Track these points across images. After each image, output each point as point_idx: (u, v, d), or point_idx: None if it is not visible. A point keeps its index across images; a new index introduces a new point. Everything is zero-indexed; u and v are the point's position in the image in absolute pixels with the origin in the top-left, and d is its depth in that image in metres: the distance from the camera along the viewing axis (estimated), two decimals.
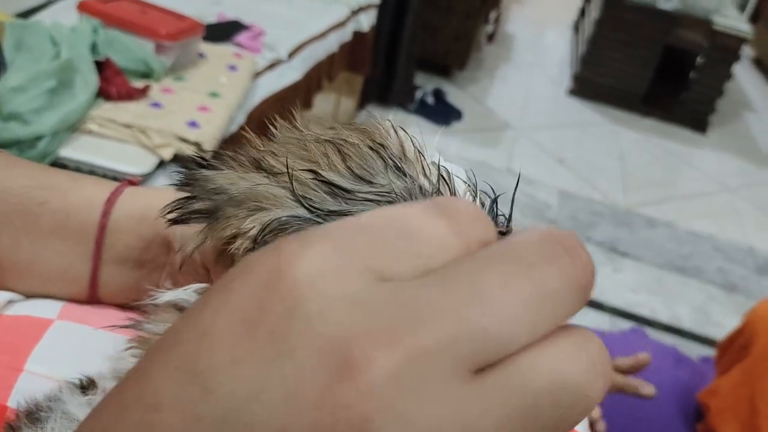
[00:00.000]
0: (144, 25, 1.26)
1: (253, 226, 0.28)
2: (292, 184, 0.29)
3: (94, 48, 1.21)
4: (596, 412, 1.15)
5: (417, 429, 0.15)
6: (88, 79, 1.14)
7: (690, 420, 1.20)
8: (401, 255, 0.17)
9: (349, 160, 0.29)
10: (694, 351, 1.62)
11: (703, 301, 2.26)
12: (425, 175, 0.31)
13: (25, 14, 1.41)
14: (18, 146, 1.04)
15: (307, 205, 0.28)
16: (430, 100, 3.09)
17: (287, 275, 0.17)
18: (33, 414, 0.30)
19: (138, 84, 1.21)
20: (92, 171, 1.06)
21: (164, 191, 0.40)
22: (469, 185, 0.34)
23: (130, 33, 1.26)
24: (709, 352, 1.49)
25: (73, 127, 1.11)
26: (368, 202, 0.29)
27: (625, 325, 1.94)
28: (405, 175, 0.30)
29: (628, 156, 3.19)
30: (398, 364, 0.15)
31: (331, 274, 0.16)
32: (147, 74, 1.26)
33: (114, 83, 1.17)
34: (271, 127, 0.33)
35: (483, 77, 3.58)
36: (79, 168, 1.06)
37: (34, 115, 1.06)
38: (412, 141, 0.32)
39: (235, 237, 0.29)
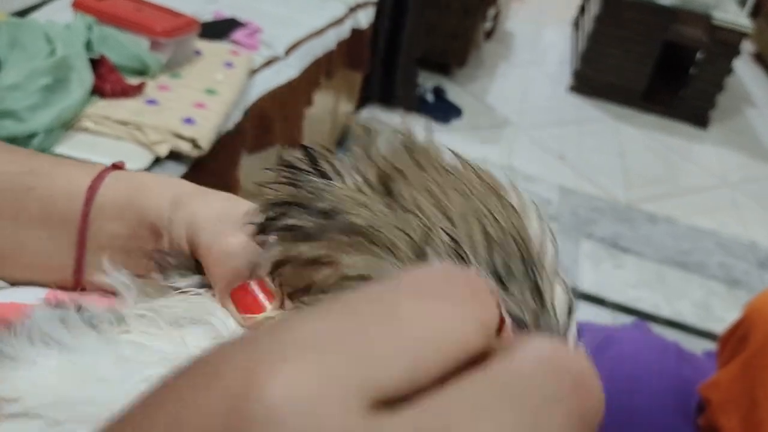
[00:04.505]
0: (139, 22, 1.26)
1: (355, 270, 0.24)
2: (426, 242, 0.24)
3: (88, 45, 1.21)
4: None
5: None
6: (83, 77, 1.14)
7: (692, 414, 1.20)
8: (390, 366, 0.15)
9: (494, 246, 0.25)
10: (697, 346, 1.62)
11: (705, 296, 2.25)
12: (553, 306, 0.26)
13: (21, 13, 1.41)
14: (12, 143, 1.03)
15: None
16: (429, 97, 3.09)
17: (255, 400, 0.14)
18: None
19: (133, 81, 1.21)
20: None
21: (149, 176, 0.39)
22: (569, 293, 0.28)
23: (125, 30, 1.25)
24: (712, 346, 1.49)
25: (68, 125, 1.11)
26: None
27: (627, 320, 1.93)
28: (540, 296, 0.26)
29: (628, 152, 3.19)
30: None
31: (310, 403, 0.14)
32: (142, 71, 1.26)
33: (109, 80, 1.17)
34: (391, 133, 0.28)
35: (483, 75, 3.57)
36: None
37: (29, 113, 1.05)
38: (551, 237, 0.28)
39: (322, 263, 0.25)
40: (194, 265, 0.34)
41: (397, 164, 0.26)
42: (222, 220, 0.34)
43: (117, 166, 0.41)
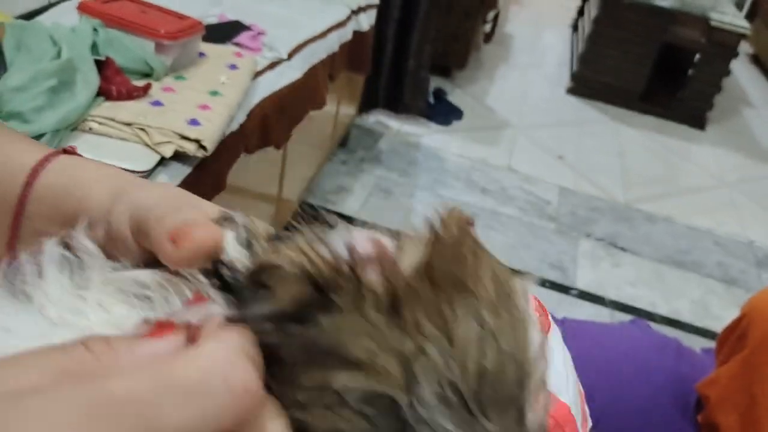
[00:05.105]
0: (144, 24, 1.27)
1: (346, 390, 0.24)
2: (416, 358, 0.24)
3: (94, 48, 1.22)
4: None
5: None
6: (89, 79, 1.15)
7: (690, 411, 1.21)
8: None
9: (487, 377, 0.25)
10: (694, 344, 1.63)
11: (703, 295, 2.27)
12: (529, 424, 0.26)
13: (27, 16, 1.42)
14: None
15: (411, 399, 0.24)
16: (430, 99, 3.10)
17: None
18: None
19: (138, 83, 1.22)
20: None
21: (92, 165, 0.37)
22: None
23: (130, 33, 1.26)
24: (710, 344, 1.50)
25: (74, 126, 1.12)
26: None
27: (625, 318, 1.95)
28: (522, 420, 0.26)
29: (627, 153, 3.20)
30: None
31: None
32: (147, 73, 1.27)
33: (114, 82, 1.18)
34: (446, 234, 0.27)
35: (483, 77, 3.59)
36: None
37: (35, 114, 1.06)
38: (546, 352, 0.27)
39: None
40: (140, 250, 0.32)
41: (412, 283, 0.26)
42: (177, 201, 0.32)
43: (67, 151, 0.39)
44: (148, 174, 1.09)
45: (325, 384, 0.24)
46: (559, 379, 0.48)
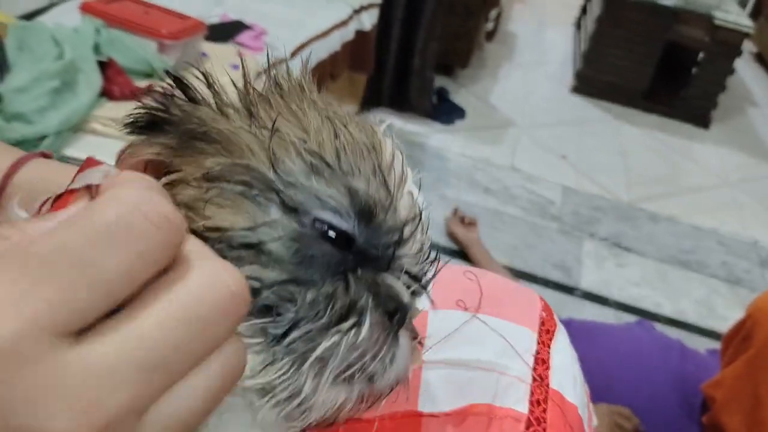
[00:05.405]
0: (146, 24, 1.27)
1: (217, 168, 0.27)
2: (271, 138, 0.28)
3: (96, 48, 1.22)
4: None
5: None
6: (91, 79, 1.15)
7: (695, 412, 1.21)
8: (77, 298, 0.19)
9: (343, 149, 0.29)
10: (699, 344, 1.62)
11: (707, 295, 2.26)
12: (398, 202, 0.30)
13: (28, 16, 1.42)
14: (21, 146, 1.04)
15: (276, 169, 0.27)
16: (433, 98, 3.10)
17: None
18: None
19: (141, 83, 1.22)
20: None
21: (68, 165, 0.39)
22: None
23: (132, 33, 1.26)
24: (714, 345, 1.49)
25: (77, 127, 1.12)
26: (331, 198, 0.28)
27: (630, 319, 1.94)
28: (387, 191, 0.29)
29: (630, 152, 3.19)
30: None
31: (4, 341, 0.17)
32: (150, 74, 1.27)
33: (117, 83, 1.18)
34: (281, 80, 0.32)
35: (485, 75, 3.58)
36: None
37: (38, 115, 1.06)
38: (402, 162, 0.31)
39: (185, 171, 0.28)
40: None
41: (264, 93, 0.30)
42: None
43: (45, 155, 0.41)
44: None
45: (203, 172, 0.27)
46: (567, 380, 0.48)
